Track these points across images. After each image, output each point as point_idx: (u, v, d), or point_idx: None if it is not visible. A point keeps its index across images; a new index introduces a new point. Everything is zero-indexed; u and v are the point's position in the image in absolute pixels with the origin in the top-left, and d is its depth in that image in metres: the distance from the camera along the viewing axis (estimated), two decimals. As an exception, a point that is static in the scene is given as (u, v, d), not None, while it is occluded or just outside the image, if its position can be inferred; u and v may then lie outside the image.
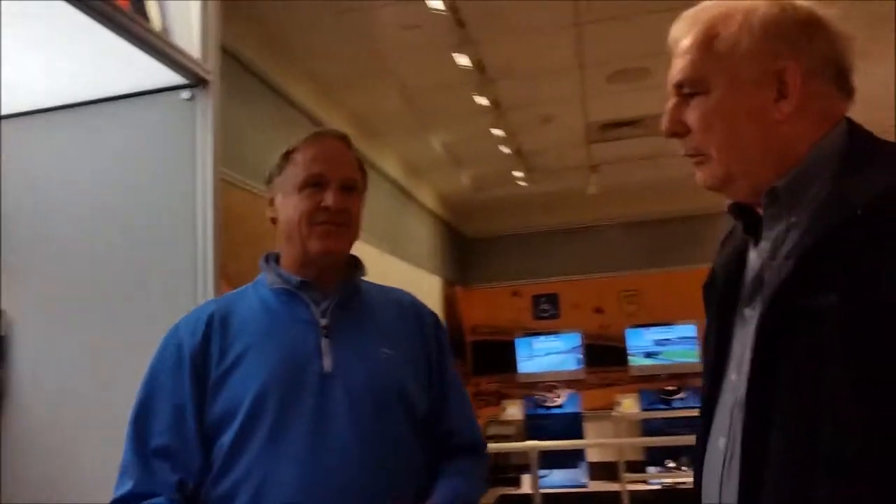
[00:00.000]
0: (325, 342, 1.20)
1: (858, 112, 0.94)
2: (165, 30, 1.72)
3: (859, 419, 0.77)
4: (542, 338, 7.26)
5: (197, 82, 1.80)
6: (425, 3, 3.23)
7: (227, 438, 1.14)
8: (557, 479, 6.15)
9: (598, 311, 7.49)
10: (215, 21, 1.86)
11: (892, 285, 0.76)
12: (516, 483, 6.79)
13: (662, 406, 6.77)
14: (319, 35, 3.61)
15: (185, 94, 1.79)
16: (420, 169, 6.00)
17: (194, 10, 1.80)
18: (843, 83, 0.91)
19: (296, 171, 1.26)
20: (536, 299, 7.66)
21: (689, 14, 0.95)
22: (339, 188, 1.24)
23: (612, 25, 3.81)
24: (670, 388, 6.85)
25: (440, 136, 5.35)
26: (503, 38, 3.86)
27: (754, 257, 0.96)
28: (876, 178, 0.83)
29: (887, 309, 0.76)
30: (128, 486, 1.14)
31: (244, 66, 3.20)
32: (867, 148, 0.88)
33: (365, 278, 1.34)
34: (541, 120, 5.19)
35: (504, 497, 6.62)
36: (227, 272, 1.92)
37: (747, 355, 0.89)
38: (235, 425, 1.13)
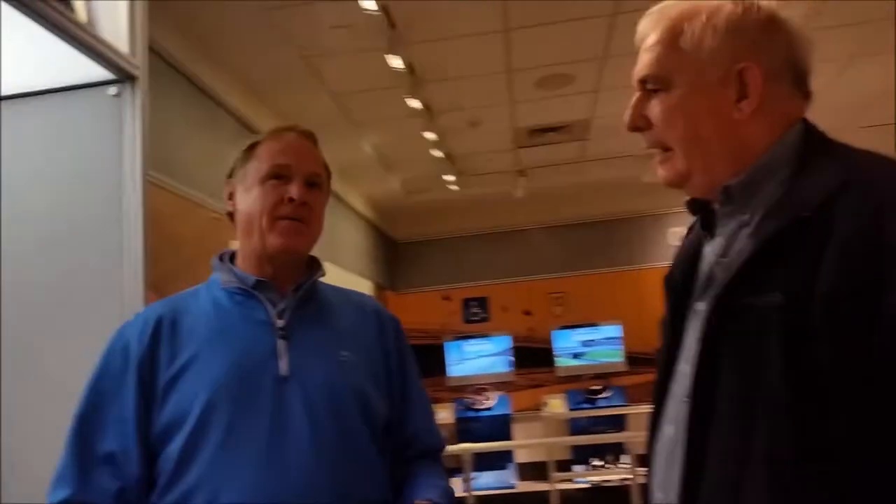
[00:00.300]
0: (281, 344, 1.16)
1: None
2: (91, 22, 1.65)
3: (793, 416, 0.80)
4: (472, 341, 7.30)
5: (124, 78, 1.73)
6: (357, 3, 3.21)
7: (175, 446, 1.09)
8: (486, 481, 6.19)
9: (527, 313, 7.60)
10: (143, 15, 1.79)
11: (830, 287, 0.78)
12: (446, 486, 6.79)
13: (588, 405, 6.91)
14: (248, 33, 3.53)
15: (112, 89, 1.71)
16: (350, 172, 5.94)
17: (121, 3, 1.73)
18: (801, 85, 0.94)
19: (259, 164, 1.23)
20: (467, 303, 7.71)
21: (655, 10, 0.97)
22: (304, 182, 1.21)
23: (539, 31, 3.88)
24: (596, 387, 7.00)
25: (370, 139, 5.31)
26: (433, 41, 3.87)
27: (708, 252, 0.98)
28: (824, 182, 0.85)
29: (825, 310, 0.78)
30: (64, 493, 1.08)
31: (169, 65, 3.09)
32: (820, 150, 0.90)
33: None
34: (470, 124, 5.23)
35: (435, 501, 6.60)
36: (150, 277, 1.85)
37: (696, 348, 0.91)
38: (184, 432, 1.09)
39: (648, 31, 0.97)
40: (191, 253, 3.08)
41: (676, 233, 7.10)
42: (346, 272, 5.91)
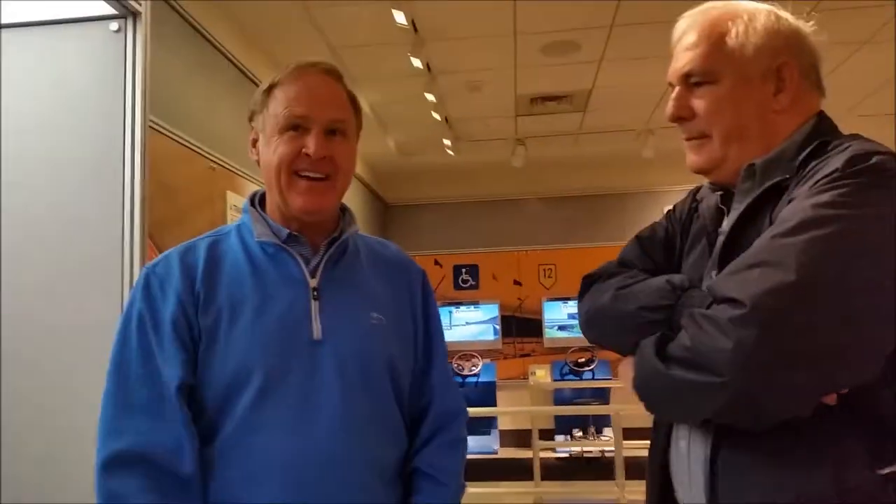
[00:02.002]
0: (314, 305, 1.12)
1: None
2: (93, -49, 1.57)
3: None
4: (462, 307, 7.32)
5: (126, 13, 1.66)
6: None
7: (208, 402, 1.06)
8: (469, 446, 6.24)
9: (517, 283, 7.61)
10: (146, -53, 1.71)
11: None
12: (428, 450, 6.84)
13: (574, 377, 6.96)
14: (250, -21, 3.42)
15: (114, 25, 1.65)
16: (345, 131, 5.85)
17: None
18: (820, 85, 1.07)
19: (275, 112, 1.13)
20: (457, 269, 7.70)
21: (693, 14, 1.08)
22: (323, 132, 1.12)
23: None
24: (582, 359, 7.04)
25: (368, 96, 5.22)
26: (440, -1, 3.76)
27: (725, 225, 1.07)
28: (809, 153, 0.98)
29: None
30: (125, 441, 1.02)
31: (169, 5, 2.99)
32: (824, 137, 1.01)
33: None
34: (471, 87, 5.14)
35: (416, 463, 6.66)
36: (148, 224, 1.80)
37: None
38: (218, 389, 1.06)
39: (688, 32, 1.06)
40: (184, 202, 3.00)
41: (670, 209, 7.05)
42: (337, 232, 5.85)
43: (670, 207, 1.27)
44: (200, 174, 3.14)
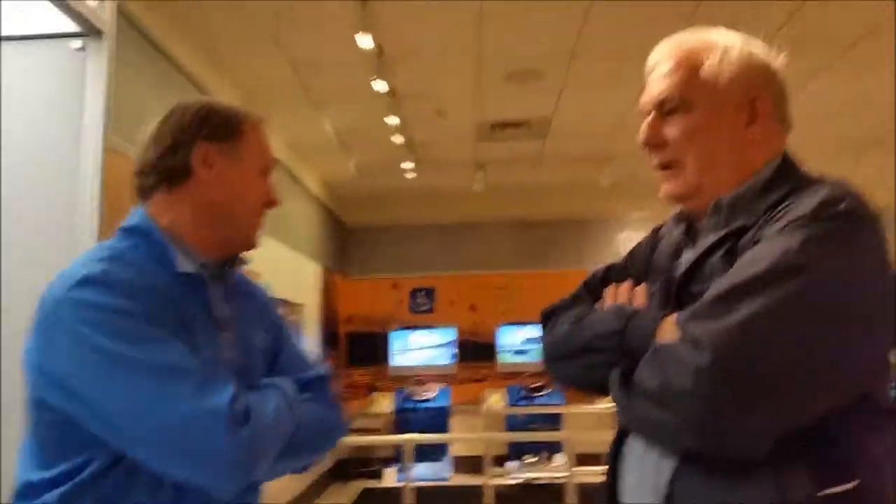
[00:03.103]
0: (224, 336, 1.13)
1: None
2: (58, -32, 1.53)
3: None
4: (418, 331, 7.29)
5: (90, 32, 1.62)
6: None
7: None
8: (421, 473, 6.17)
9: (472, 308, 7.61)
10: (113, -34, 1.67)
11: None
12: (378, 476, 6.77)
13: (526, 402, 6.98)
14: (214, -2, 3.37)
15: (76, 43, 1.60)
16: (306, 150, 5.80)
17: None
18: (786, 120, 1.09)
19: (254, 154, 1.18)
20: (414, 293, 7.67)
21: (669, 43, 1.10)
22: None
23: (513, 23, 3.84)
24: (535, 384, 7.07)
25: (330, 119, 5.19)
26: (406, 21, 3.78)
27: (687, 258, 1.08)
28: (774, 197, 1.00)
29: None
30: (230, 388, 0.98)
31: (129, 22, 2.93)
32: (789, 177, 1.03)
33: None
34: (434, 112, 5.16)
35: (367, 491, 6.57)
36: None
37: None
38: None
39: (663, 60, 1.08)
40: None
41: (626, 238, 7.24)
42: (294, 252, 5.78)
43: (633, 245, 1.29)
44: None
